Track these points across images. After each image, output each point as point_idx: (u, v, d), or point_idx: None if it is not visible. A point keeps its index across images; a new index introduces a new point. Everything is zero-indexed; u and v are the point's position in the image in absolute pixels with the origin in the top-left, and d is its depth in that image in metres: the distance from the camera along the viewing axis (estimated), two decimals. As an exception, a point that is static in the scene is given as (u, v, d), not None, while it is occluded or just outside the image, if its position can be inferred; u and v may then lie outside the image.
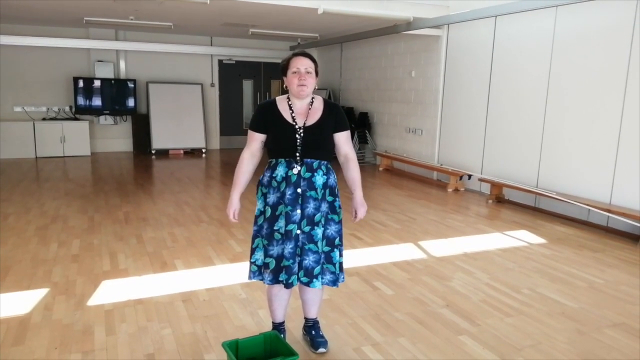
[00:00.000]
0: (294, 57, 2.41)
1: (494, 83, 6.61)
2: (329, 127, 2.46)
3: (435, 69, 7.66)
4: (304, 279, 2.42)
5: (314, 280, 2.42)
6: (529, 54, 6.04)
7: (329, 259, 2.48)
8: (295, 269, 2.40)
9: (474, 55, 6.90)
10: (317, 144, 2.41)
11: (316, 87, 2.45)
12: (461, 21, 6.72)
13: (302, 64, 2.37)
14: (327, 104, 2.50)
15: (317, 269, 2.42)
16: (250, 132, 2.50)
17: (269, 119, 2.43)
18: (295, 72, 2.37)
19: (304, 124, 2.40)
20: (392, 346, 2.70)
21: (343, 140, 2.52)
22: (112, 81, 9.88)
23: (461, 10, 6.59)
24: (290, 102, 2.44)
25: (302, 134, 2.38)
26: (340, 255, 2.53)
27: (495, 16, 6.33)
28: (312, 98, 2.47)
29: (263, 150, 2.53)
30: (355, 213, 2.60)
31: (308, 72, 2.38)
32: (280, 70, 2.48)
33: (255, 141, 2.49)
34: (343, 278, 2.55)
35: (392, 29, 7.62)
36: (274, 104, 2.46)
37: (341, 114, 2.54)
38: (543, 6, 5.55)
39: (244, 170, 2.51)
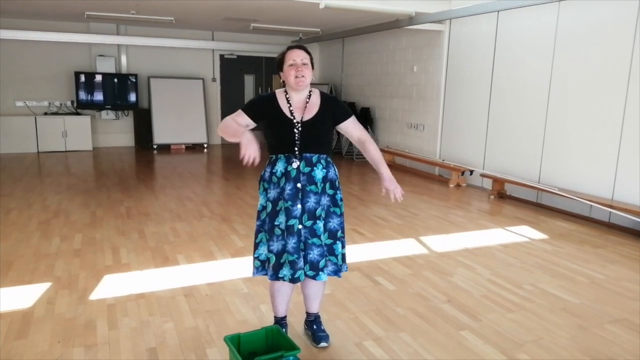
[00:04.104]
0: (288, 50, 2.40)
1: (496, 78, 6.59)
2: (327, 120, 2.45)
3: (437, 64, 7.64)
4: (310, 273, 2.43)
5: (320, 273, 2.43)
6: (531, 50, 6.02)
7: (331, 251, 2.49)
8: (301, 263, 2.40)
9: (476, 51, 6.88)
10: (315, 138, 2.40)
11: (313, 78, 2.44)
12: (463, 16, 6.70)
13: (297, 56, 2.36)
14: (323, 97, 2.49)
15: (322, 262, 2.43)
16: (239, 111, 2.43)
17: (267, 111, 2.41)
18: (291, 65, 2.36)
19: (302, 118, 2.39)
20: (394, 341, 2.71)
21: (351, 127, 2.52)
22: (114, 76, 9.87)
23: (463, 5, 6.56)
24: (287, 96, 2.43)
25: (300, 129, 2.37)
26: (343, 247, 2.53)
27: (498, 11, 6.30)
28: (310, 91, 2.46)
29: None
30: (387, 191, 2.47)
31: (304, 64, 2.37)
32: (276, 65, 2.47)
33: (241, 119, 2.40)
34: (346, 268, 2.57)
35: (394, 24, 7.59)
36: (274, 97, 2.45)
37: (339, 104, 2.54)
38: (546, 1, 5.51)
39: (231, 120, 2.38)
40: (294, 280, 2.41)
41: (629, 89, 4.95)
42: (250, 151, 2.18)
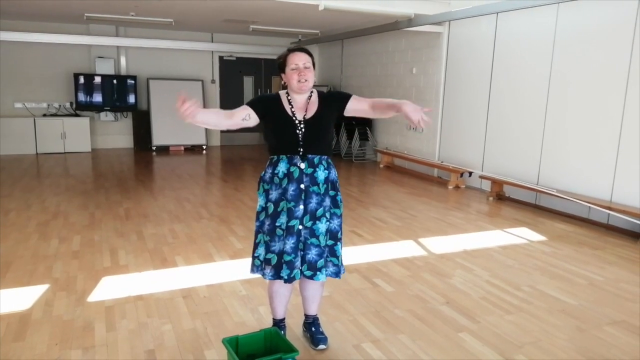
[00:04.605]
0: (290, 53, 2.40)
1: (495, 80, 6.60)
2: (330, 116, 2.47)
3: (436, 65, 7.64)
4: (308, 273, 2.43)
5: (318, 273, 2.43)
6: (530, 51, 6.02)
7: (332, 252, 2.49)
8: (298, 263, 2.41)
9: (475, 52, 6.89)
10: (317, 137, 2.41)
11: (315, 80, 2.45)
12: (462, 18, 6.70)
13: (300, 60, 2.37)
14: (321, 95, 2.51)
15: (320, 262, 2.43)
16: (243, 106, 2.43)
17: (271, 109, 2.42)
18: (294, 69, 2.37)
19: (304, 117, 2.40)
20: (392, 343, 2.71)
21: (358, 103, 2.48)
22: (113, 77, 9.87)
23: (462, 7, 6.57)
24: (289, 97, 2.44)
25: (302, 128, 2.38)
26: (341, 248, 2.54)
27: (497, 13, 6.31)
28: (311, 92, 2.48)
29: (239, 124, 2.43)
30: (409, 118, 2.24)
31: (306, 67, 2.37)
32: (277, 67, 2.47)
33: (243, 111, 2.40)
34: (343, 269, 2.57)
35: (393, 26, 7.60)
36: (278, 97, 2.46)
37: (335, 93, 2.58)
38: (545, 3, 5.53)
39: (216, 110, 2.41)
40: (290, 280, 2.41)
41: (627, 91, 4.96)
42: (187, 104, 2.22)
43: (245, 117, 2.40)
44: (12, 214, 5.16)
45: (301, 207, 2.38)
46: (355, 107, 2.50)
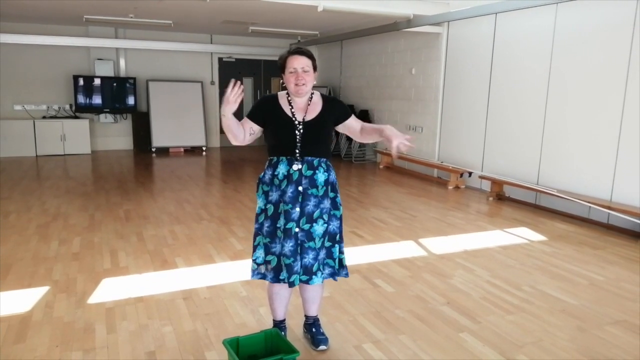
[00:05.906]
0: (289, 56, 2.38)
1: (494, 80, 6.60)
2: (329, 121, 2.47)
3: (435, 66, 7.65)
4: (303, 277, 2.42)
5: (313, 277, 2.43)
6: (529, 51, 6.03)
7: (329, 254, 2.49)
8: (297, 267, 2.40)
9: (474, 53, 6.89)
10: (316, 139, 2.41)
11: (315, 82, 2.44)
12: (461, 18, 6.71)
13: (298, 64, 2.36)
14: (325, 98, 2.51)
15: (315, 266, 2.43)
16: (244, 119, 2.45)
17: (269, 112, 2.43)
18: (292, 72, 2.36)
19: (303, 119, 2.40)
20: (393, 343, 2.71)
21: (351, 124, 2.54)
22: (112, 79, 9.87)
23: (461, 8, 6.58)
24: (289, 98, 2.44)
25: (301, 130, 2.38)
26: (341, 252, 2.53)
27: (496, 13, 6.31)
28: (312, 93, 2.47)
29: (249, 139, 2.44)
30: (390, 143, 2.29)
31: (305, 71, 2.36)
32: (278, 68, 2.48)
33: (246, 125, 2.42)
34: (346, 273, 2.56)
35: (392, 26, 7.60)
36: (275, 98, 2.46)
37: (340, 105, 2.57)
38: (543, 3, 5.53)
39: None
40: (290, 284, 2.40)
41: (627, 90, 4.96)
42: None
43: (250, 131, 2.43)
44: (12, 216, 5.16)
45: (297, 209, 2.38)
46: (352, 126, 2.53)
